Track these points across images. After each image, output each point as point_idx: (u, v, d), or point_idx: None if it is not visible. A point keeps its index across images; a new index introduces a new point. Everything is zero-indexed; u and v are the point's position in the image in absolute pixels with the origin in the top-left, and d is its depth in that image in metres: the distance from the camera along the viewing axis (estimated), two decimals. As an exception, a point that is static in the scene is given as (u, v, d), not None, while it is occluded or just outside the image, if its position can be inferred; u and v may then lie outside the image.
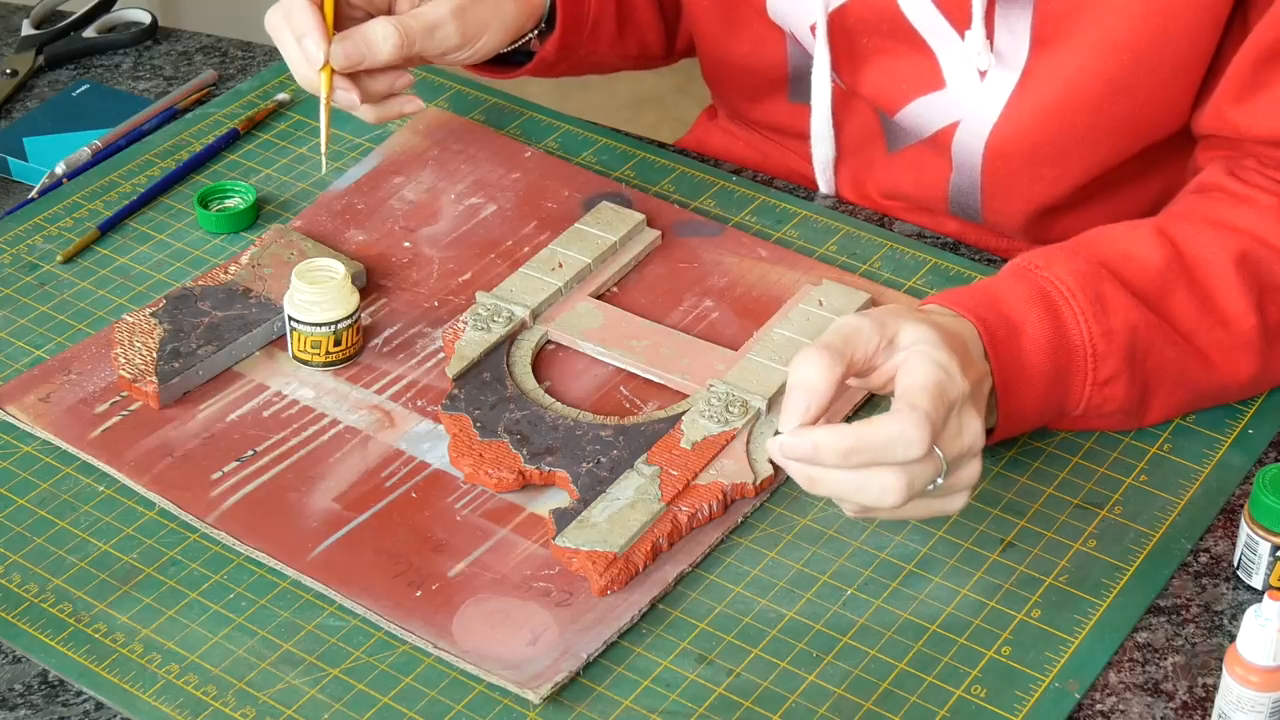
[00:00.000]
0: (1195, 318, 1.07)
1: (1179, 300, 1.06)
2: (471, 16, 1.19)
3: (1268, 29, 1.08)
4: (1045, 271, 1.05)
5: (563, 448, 1.07)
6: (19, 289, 1.23)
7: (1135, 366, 1.05)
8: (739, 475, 1.05)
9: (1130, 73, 1.14)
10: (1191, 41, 1.12)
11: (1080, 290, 1.04)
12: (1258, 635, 0.88)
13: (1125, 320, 1.04)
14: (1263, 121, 1.10)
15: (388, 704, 0.95)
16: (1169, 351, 1.06)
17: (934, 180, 1.26)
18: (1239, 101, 1.11)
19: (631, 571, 1.00)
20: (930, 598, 1.00)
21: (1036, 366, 1.02)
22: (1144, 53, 1.13)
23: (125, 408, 1.12)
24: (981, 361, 1.00)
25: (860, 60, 1.24)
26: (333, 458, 1.08)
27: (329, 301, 1.13)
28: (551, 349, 1.17)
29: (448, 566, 1.02)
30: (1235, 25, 1.13)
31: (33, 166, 1.35)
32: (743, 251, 1.24)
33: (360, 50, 1.15)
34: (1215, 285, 1.07)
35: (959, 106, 1.21)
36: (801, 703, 0.95)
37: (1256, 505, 0.99)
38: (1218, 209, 1.11)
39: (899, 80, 1.23)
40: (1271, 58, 1.09)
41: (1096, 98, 1.15)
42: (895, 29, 1.21)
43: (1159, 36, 1.12)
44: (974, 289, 1.04)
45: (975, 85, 1.20)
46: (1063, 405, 1.06)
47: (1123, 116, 1.17)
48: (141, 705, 0.95)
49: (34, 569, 1.02)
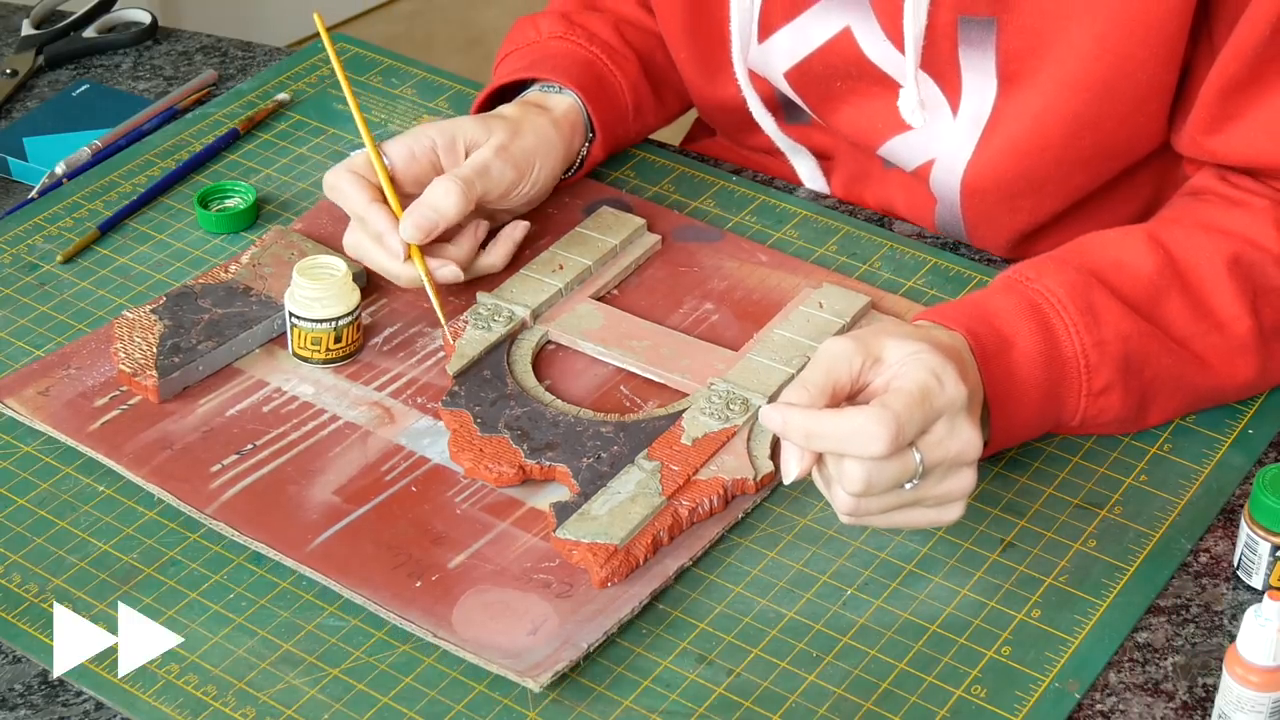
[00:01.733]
0: (1190, 323, 1.07)
1: (1173, 306, 1.06)
2: (516, 149, 1.19)
3: (1232, 59, 1.07)
4: (1035, 284, 1.05)
5: (563, 443, 1.07)
6: (19, 289, 1.23)
7: (1131, 376, 1.05)
8: (739, 471, 1.05)
9: (1094, 109, 1.14)
10: (1151, 74, 1.12)
11: (1071, 301, 1.04)
12: (1258, 635, 0.88)
13: (1117, 330, 1.04)
14: (1237, 150, 1.10)
15: (388, 704, 0.95)
16: (1165, 359, 1.06)
17: (921, 207, 1.27)
18: (1212, 132, 1.11)
19: (632, 564, 1.00)
20: (930, 598, 1.00)
21: (1029, 379, 1.03)
22: (1104, 89, 1.13)
23: (125, 402, 1.12)
24: (975, 374, 1.00)
25: (836, 101, 1.25)
26: (332, 452, 1.08)
27: (330, 298, 1.13)
28: (551, 349, 1.17)
29: (448, 558, 1.02)
30: (1201, 44, 1.12)
31: (33, 166, 1.35)
32: (742, 256, 1.24)
33: (428, 215, 1.14)
34: (1208, 290, 1.07)
35: (933, 146, 1.22)
36: (801, 703, 0.95)
37: (1256, 505, 0.99)
38: (1210, 212, 1.11)
39: (874, 119, 1.24)
40: (1238, 87, 1.08)
41: (1064, 134, 1.15)
42: (863, 72, 1.21)
43: (1117, 74, 1.12)
44: (964, 303, 1.05)
45: (948, 124, 1.20)
46: (1059, 417, 1.06)
47: (1093, 148, 1.17)
48: (141, 705, 0.95)
49: (34, 569, 1.02)
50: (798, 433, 0.93)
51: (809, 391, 0.94)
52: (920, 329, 1.00)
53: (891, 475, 0.93)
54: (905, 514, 0.96)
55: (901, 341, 0.96)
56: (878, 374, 0.95)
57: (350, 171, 1.16)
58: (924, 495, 0.95)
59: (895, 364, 0.95)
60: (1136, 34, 1.10)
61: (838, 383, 0.95)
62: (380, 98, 1.42)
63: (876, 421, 0.91)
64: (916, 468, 0.93)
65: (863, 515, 0.95)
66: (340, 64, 1.19)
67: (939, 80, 1.19)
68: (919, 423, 0.93)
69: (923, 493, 0.95)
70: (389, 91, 1.42)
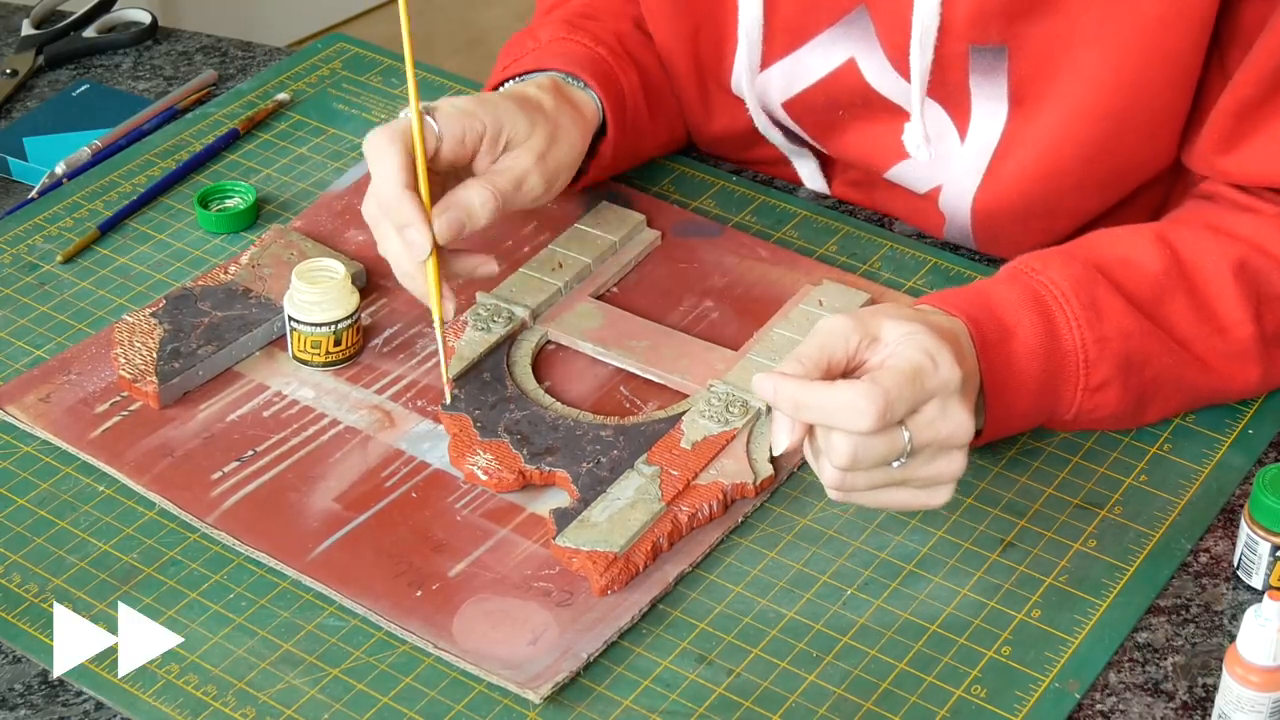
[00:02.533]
0: (1193, 325, 1.07)
1: (1176, 307, 1.06)
2: (551, 160, 1.15)
3: (1247, 82, 1.07)
4: (1040, 275, 1.05)
5: (563, 448, 1.07)
6: (19, 289, 1.23)
7: (1130, 374, 1.05)
8: (739, 475, 1.05)
9: (1108, 135, 1.13)
10: (1166, 101, 1.12)
11: (1075, 295, 1.04)
12: (1258, 635, 0.88)
13: (1119, 327, 1.04)
14: (1250, 169, 1.10)
15: (388, 704, 0.95)
16: (1165, 359, 1.06)
17: (930, 224, 1.26)
18: (1225, 152, 1.10)
19: (632, 571, 1.00)
20: (930, 598, 1.00)
21: (1027, 370, 1.02)
22: (1118, 116, 1.12)
23: (125, 408, 1.12)
24: (972, 359, 1.00)
25: (839, 130, 1.25)
26: (333, 458, 1.08)
27: (329, 301, 1.13)
28: (551, 349, 1.17)
29: (448, 566, 1.02)
30: (1213, 65, 1.12)
31: (33, 166, 1.35)
32: (742, 252, 1.24)
33: (460, 219, 1.09)
34: (1213, 293, 1.07)
35: (940, 173, 1.21)
36: (801, 703, 0.95)
37: (1256, 505, 0.99)
38: (1220, 215, 1.10)
39: (879, 146, 1.23)
40: (1251, 109, 1.08)
41: (1078, 160, 1.15)
42: (868, 101, 1.21)
43: (1131, 101, 1.11)
44: (968, 290, 1.05)
45: (955, 150, 1.19)
46: (1053, 409, 1.06)
47: (1107, 172, 1.16)
48: (141, 705, 0.95)
49: (34, 569, 1.02)
50: (787, 402, 0.93)
51: (803, 365, 0.94)
52: (920, 312, 1.00)
53: (879, 452, 0.93)
54: (892, 493, 0.96)
55: (899, 322, 0.96)
56: (874, 353, 0.96)
57: (401, 143, 1.08)
58: (912, 475, 0.95)
59: (891, 343, 0.95)
60: (1152, 62, 1.09)
61: (833, 357, 0.95)
62: (380, 98, 1.42)
63: (865, 396, 0.91)
64: (905, 446, 0.94)
65: (849, 491, 0.95)
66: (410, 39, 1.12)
67: (947, 106, 1.18)
68: (909, 401, 0.93)
69: (910, 472, 0.95)
70: (389, 91, 1.42)
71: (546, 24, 1.28)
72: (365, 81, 1.44)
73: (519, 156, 1.13)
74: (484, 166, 1.13)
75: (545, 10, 1.33)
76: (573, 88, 1.21)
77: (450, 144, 1.10)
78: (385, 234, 1.10)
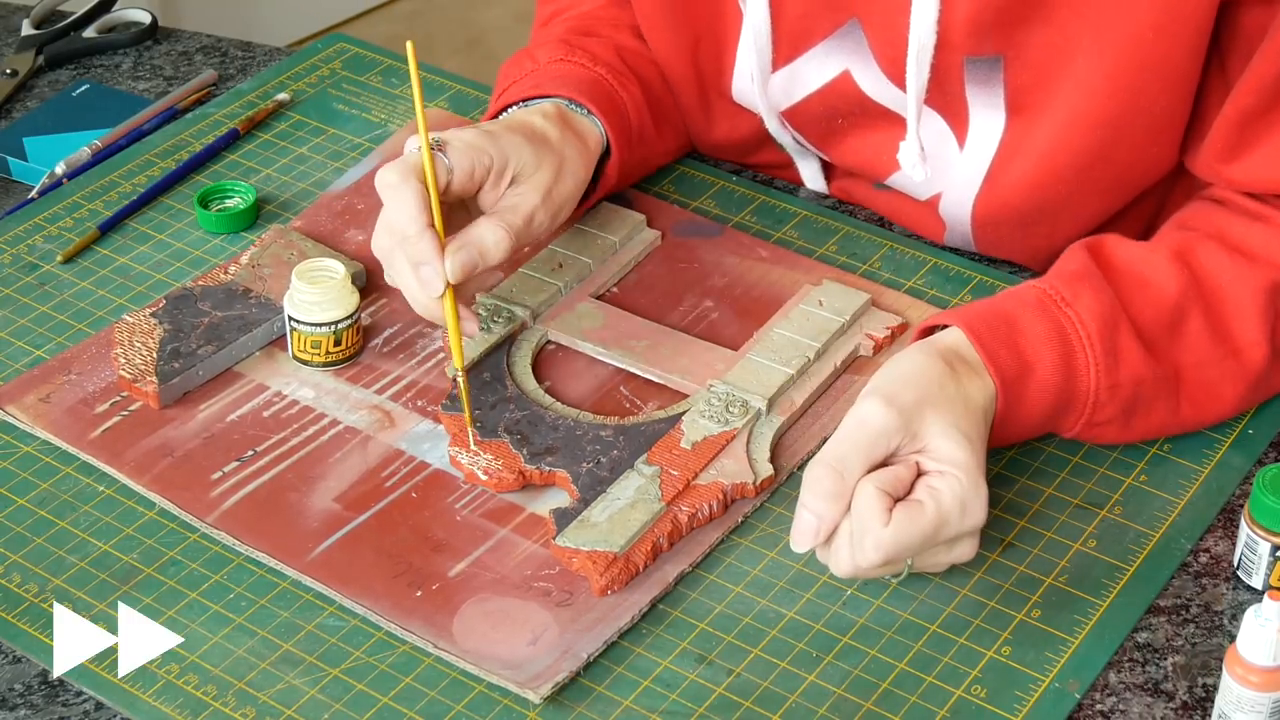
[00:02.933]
0: (1207, 348, 1.07)
1: (1192, 330, 1.06)
2: (557, 194, 1.14)
3: (1250, 90, 1.07)
4: (1069, 309, 1.04)
5: (563, 448, 1.07)
6: (19, 289, 1.23)
7: (1132, 415, 1.06)
8: (739, 475, 1.05)
9: (1106, 142, 1.13)
10: (1164, 108, 1.11)
11: (1099, 338, 1.04)
12: (1258, 635, 0.88)
13: (1132, 374, 1.04)
14: (1256, 177, 1.10)
15: (388, 704, 0.95)
16: (1167, 402, 1.07)
17: (931, 231, 1.26)
18: (1229, 160, 1.10)
19: (632, 571, 1.00)
20: (930, 598, 1.00)
21: (1037, 404, 1.04)
22: (1116, 124, 1.12)
23: (125, 408, 1.12)
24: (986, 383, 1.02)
25: (839, 137, 1.25)
26: (333, 458, 1.08)
27: (329, 301, 1.13)
28: (552, 349, 1.17)
29: (448, 566, 1.02)
30: (1213, 72, 1.11)
31: (33, 166, 1.35)
32: (742, 252, 1.24)
33: (474, 259, 1.09)
34: (1230, 313, 1.07)
35: (940, 180, 1.21)
36: (801, 703, 0.95)
37: (1256, 505, 0.99)
38: (1232, 223, 1.10)
39: (878, 153, 1.23)
40: (1255, 116, 1.08)
41: (1076, 167, 1.14)
42: (865, 109, 1.21)
43: (1128, 108, 1.11)
44: (996, 314, 1.04)
45: (954, 158, 1.19)
46: (1053, 430, 1.08)
47: (1106, 179, 1.16)
48: (141, 705, 0.95)
49: (34, 569, 1.02)
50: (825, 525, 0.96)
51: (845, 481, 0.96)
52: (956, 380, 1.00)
53: (881, 572, 0.98)
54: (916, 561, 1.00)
55: (946, 443, 0.97)
56: (912, 447, 0.98)
57: (416, 178, 1.08)
58: (919, 569, 0.99)
59: (931, 451, 0.97)
60: (1149, 69, 1.09)
61: (873, 459, 0.97)
62: (380, 98, 1.42)
63: (875, 549, 0.95)
64: (905, 568, 0.98)
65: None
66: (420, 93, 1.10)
67: (945, 115, 1.18)
68: (920, 549, 0.96)
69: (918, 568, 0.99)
70: (389, 91, 1.42)
71: (545, 43, 1.27)
72: (365, 81, 1.44)
73: (526, 194, 1.12)
74: (490, 200, 1.13)
75: (543, 21, 1.33)
76: (577, 115, 1.21)
77: (460, 178, 1.10)
78: (400, 269, 1.09)
